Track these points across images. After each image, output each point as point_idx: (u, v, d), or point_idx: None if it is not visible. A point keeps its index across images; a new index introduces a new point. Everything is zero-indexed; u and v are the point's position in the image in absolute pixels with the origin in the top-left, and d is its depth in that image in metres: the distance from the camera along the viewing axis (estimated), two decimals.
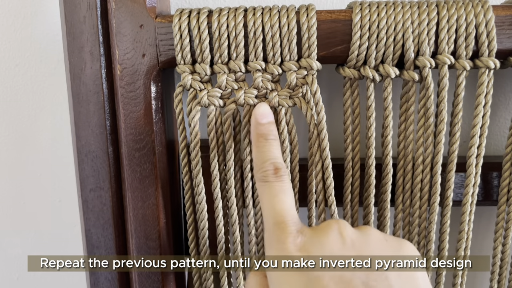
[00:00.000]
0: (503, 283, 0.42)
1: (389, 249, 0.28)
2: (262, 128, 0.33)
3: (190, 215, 0.39)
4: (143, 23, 0.35)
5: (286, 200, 0.30)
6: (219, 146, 0.37)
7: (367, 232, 0.29)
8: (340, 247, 0.28)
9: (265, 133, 0.33)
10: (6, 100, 0.46)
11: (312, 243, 0.28)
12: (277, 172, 0.31)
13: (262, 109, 0.34)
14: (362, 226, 0.30)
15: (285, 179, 0.31)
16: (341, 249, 0.28)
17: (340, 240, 0.28)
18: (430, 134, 0.36)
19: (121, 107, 0.37)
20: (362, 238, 0.28)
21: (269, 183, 0.31)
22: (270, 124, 0.34)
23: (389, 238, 0.29)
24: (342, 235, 0.28)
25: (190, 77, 0.35)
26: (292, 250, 0.27)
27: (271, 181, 0.31)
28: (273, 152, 0.32)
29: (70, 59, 0.36)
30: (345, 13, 0.35)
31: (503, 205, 0.39)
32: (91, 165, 0.38)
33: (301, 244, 0.28)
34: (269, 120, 0.34)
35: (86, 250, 0.40)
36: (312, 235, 0.28)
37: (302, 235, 0.28)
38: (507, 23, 0.34)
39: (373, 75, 0.35)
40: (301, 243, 0.28)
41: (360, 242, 0.28)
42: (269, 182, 0.31)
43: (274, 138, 0.33)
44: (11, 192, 0.49)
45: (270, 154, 0.32)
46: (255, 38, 0.34)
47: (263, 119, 0.34)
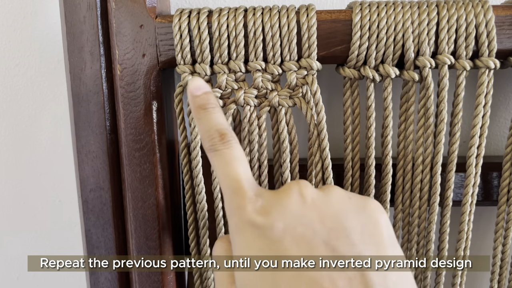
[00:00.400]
0: (503, 283, 0.42)
1: (352, 207, 0.28)
2: (198, 100, 0.32)
3: (190, 215, 0.39)
4: (143, 23, 0.35)
5: (239, 166, 0.29)
6: None
7: (329, 191, 0.28)
8: (301, 207, 0.27)
9: (202, 103, 0.32)
10: (6, 100, 0.46)
11: (272, 205, 0.27)
12: (224, 137, 0.30)
13: (195, 83, 0.32)
14: (325, 185, 0.29)
15: (234, 144, 0.30)
16: (302, 208, 0.27)
17: (300, 200, 0.27)
18: (430, 134, 0.36)
19: (121, 107, 0.37)
20: (324, 197, 0.28)
21: (218, 151, 0.29)
22: (206, 94, 0.32)
23: (353, 196, 0.29)
24: (302, 195, 0.28)
25: (190, 77, 0.35)
26: (252, 213, 0.27)
27: (219, 149, 0.29)
28: (215, 119, 0.31)
29: (70, 59, 0.36)
30: (345, 13, 0.35)
31: (503, 205, 0.39)
32: (91, 165, 0.38)
33: (261, 207, 0.27)
34: (204, 91, 0.32)
35: (86, 250, 0.40)
36: (272, 197, 0.28)
37: (261, 198, 0.28)
38: (507, 23, 0.34)
39: (373, 75, 0.35)
40: (261, 206, 0.27)
41: (322, 201, 0.28)
42: (218, 151, 0.29)
43: (213, 106, 0.32)
44: (11, 192, 0.49)
45: (211, 122, 0.31)
46: (255, 38, 0.34)
47: (198, 91, 0.32)
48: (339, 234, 0.26)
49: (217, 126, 0.30)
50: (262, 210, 0.27)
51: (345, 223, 0.27)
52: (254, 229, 0.26)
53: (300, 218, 0.27)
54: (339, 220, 0.27)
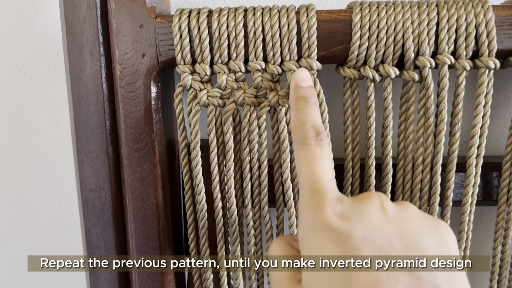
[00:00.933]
0: (503, 283, 0.42)
1: (427, 227, 0.27)
2: (303, 91, 0.32)
3: (190, 215, 0.39)
4: (143, 23, 0.35)
5: (326, 166, 0.29)
6: (219, 146, 0.37)
7: (406, 208, 0.28)
8: (381, 219, 0.27)
9: (306, 95, 0.32)
10: (6, 100, 0.46)
11: (352, 213, 0.27)
12: (318, 135, 0.29)
13: (302, 73, 0.33)
14: (401, 201, 0.29)
15: (325, 143, 0.29)
16: (382, 220, 0.27)
17: (381, 212, 0.27)
18: (430, 134, 0.36)
19: (121, 107, 0.37)
20: (402, 213, 0.28)
21: (308, 146, 0.29)
22: (311, 88, 0.32)
23: (427, 215, 0.29)
24: (383, 207, 0.27)
25: (190, 77, 0.35)
26: (332, 217, 0.26)
27: (311, 144, 0.29)
28: (314, 115, 0.31)
29: (70, 59, 0.36)
30: (345, 13, 0.35)
31: (503, 205, 0.39)
32: (91, 165, 0.38)
33: (341, 213, 0.27)
34: (310, 84, 0.33)
35: (86, 250, 0.40)
36: (352, 204, 0.27)
37: (342, 203, 0.27)
38: (507, 23, 0.34)
39: (373, 75, 0.35)
40: (341, 211, 0.27)
41: (400, 216, 0.27)
42: (309, 145, 0.29)
43: (315, 102, 0.32)
44: (11, 192, 0.49)
45: (310, 116, 0.31)
46: (255, 38, 0.34)
47: (304, 82, 0.32)
48: (415, 252, 0.26)
49: (314, 122, 0.30)
50: (341, 215, 0.27)
51: (421, 241, 0.26)
52: (331, 233, 0.26)
53: (380, 230, 0.26)
54: (416, 238, 0.26)
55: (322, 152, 0.29)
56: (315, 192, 0.28)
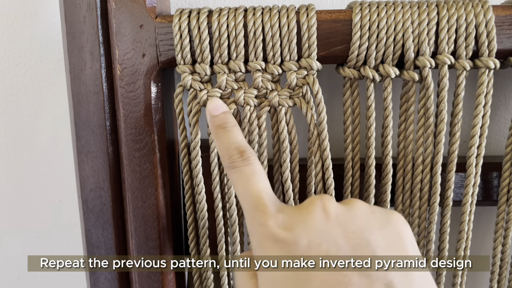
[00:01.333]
0: (503, 283, 0.42)
1: (376, 222, 0.27)
2: (217, 119, 0.33)
3: (190, 215, 0.39)
4: (143, 23, 0.35)
5: (260, 181, 0.29)
6: None
7: (352, 206, 0.28)
8: (324, 223, 0.27)
9: (221, 123, 0.32)
10: (6, 100, 0.46)
11: (295, 221, 0.27)
12: (243, 154, 0.30)
13: (214, 103, 0.34)
14: (348, 199, 0.29)
15: (253, 160, 0.30)
16: (326, 225, 0.27)
17: (324, 216, 0.27)
18: (430, 134, 0.36)
19: (121, 107, 0.37)
20: (347, 212, 0.27)
21: (237, 168, 0.29)
22: (225, 114, 0.33)
23: (376, 209, 0.28)
24: (325, 211, 0.27)
25: (190, 77, 0.35)
26: (275, 229, 0.26)
27: (239, 166, 0.29)
28: (235, 137, 0.31)
29: (70, 59, 0.36)
30: (345, 13, 0.35)
31: (503, 205, 0.39)
32: (91, 165, 0.38)
33: (283, 223, 0.27)
34: (223, 111, 0.33)
35: (86, 250, 0.40)
36: (294, 213, 0.27)
37: (283, 213, 0.27)
38: (507, 23, 0.34)
39: (373, 75, 0.35)
40: (283, 222, 0.27)
41: (345, 216, 0.27)
42: (238, 168, 0.29)
43: (232, 125, 0.32)
44: (11, 192, 0.49)
45: (231, 140, 0.31)
46: (255, 38, 0.34)
47: (217, 111, 0.33)
48: (364, 250, 0.26)
49: (236, 144, 0.31)
50: (284, 225, 0.27)
51: (369, 238, 0.26)
52: (278, 244, 0.26)
53: (324, 234, 0.26)
54: (363, 236, 0.26)
55: (252, 170, 0.29)
56: (256, 209, 0.28)
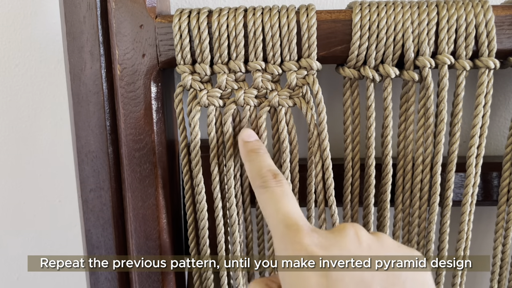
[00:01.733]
0: (503, 283, 0.42)
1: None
2: (251, 144, 0.34)
3: (190, 215, 0.39)
4: (143, 23, 0.35)
5: (292, 202, 0.29)
6: (219, 146, 0.37)
7: (381, 237, 0.29)
8: (357, 249, 0.27)
9: (254, 148, 0.34)
10: (6, 100, 0.46)
11: (330, 243, 0.27)
12: (276, 177, 0.31)
13: (247, 132, 0.35)
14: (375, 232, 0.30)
15: (285, 184, 0.31)
16: (358, 251, 0.27)
17: (357, 242, 0.28)
18: (430, 134, 0.36)
19: (121, 107, 0.37)
20: (377, 242, 0.28)
21: (270, 188, 0.30)
22: (257, 141, 0.35)
23: (401, 245, 0.29)
24: (358, 237, 0.28)
25: (190, 77, 0.35)
26: (312, 248, 0.26)
27: (271, 186, 0.30)
28: (267, 161, 0.32)
29: (70, 59, 0.36)
30: (345, 13, 0.35)
31: (503, 205, 0.39)
32: (91, 165, 0.38)
33: (320, 243, 0.27)
34: (255, 138, 0.35)
35: (86, 250, 0.40)
36: (328, 235, 0.28)
37: (318, 234, 0.28)
38: (507, 23, 0.34)
39: (373, 75, 0.35)
40: (319, 241, 0.27)
41: (376, 245, 0.28)
42: (270, 187, 0.30)
43: (264, 151, 0.34)
44: (11, 192, 0.49)
45: (264, 163, 0.32)
46: (255, 38, 0.34)
47: (250, 138, 0.35)
48: (395, 281, 0.26)
49: (269, 166, 0.32)
50: (321, 245, 0.27)
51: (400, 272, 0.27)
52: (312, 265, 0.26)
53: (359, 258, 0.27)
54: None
55: (284, 191, 0.30)
56: (290, 228, 0.28)
